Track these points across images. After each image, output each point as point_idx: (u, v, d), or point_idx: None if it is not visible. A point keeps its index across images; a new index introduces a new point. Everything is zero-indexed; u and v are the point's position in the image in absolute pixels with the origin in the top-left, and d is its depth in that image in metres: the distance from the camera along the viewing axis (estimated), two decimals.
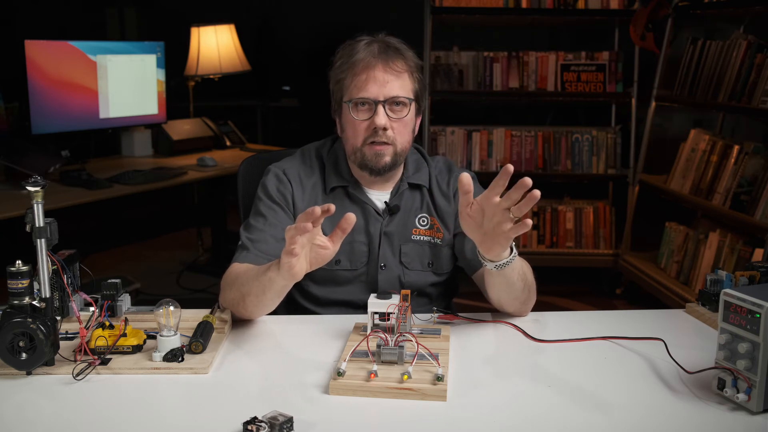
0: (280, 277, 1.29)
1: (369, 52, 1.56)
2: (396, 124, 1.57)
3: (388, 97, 1.54)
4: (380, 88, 1.54)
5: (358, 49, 1.57)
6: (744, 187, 3.07)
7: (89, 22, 5.44)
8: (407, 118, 1.58)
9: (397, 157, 1.59)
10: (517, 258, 1.38)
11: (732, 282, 1.51)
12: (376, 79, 1.54)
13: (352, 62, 1.56)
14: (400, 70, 1.56)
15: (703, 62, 3.42)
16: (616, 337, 1.41)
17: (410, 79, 1.58)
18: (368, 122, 1.56)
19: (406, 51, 1.59)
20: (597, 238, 4.02)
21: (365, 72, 1.54)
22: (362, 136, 1.57)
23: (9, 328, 1.19)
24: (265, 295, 1.37)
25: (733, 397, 1.12)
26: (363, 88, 1.54)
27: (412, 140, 1.65)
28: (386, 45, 1.58)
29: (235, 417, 1.06)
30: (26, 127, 3.25)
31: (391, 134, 1.56)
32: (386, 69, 1.54)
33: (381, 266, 1.64)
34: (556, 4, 3.87)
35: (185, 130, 3.94)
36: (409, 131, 1.61)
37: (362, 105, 1.56)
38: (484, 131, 4.04)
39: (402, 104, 1.57)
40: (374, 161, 1.57)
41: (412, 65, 1.59)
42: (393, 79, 1.55)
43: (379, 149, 1.56)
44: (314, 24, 5.42)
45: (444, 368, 1.20)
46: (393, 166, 1.60)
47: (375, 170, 1.59)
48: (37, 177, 1.22)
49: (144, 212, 4.59)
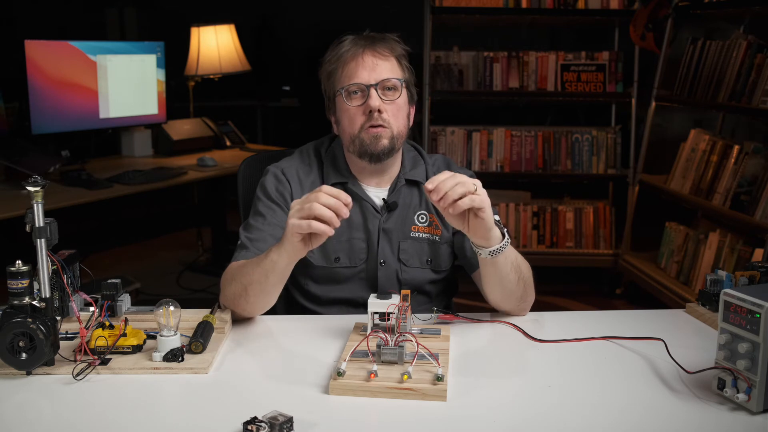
0: (283, 256, 1.35)
1: (355, 43, 1.60)
2: (390, 107, 1.58)
3: (379, 80, 1.57)
4: (370, 72, 1.57)
5: (345, 43, 1.61)
6: (744, 187, 3.07)
7: (89, 22, 5.44)
8: (400, 101, 1.60)
9: (394, 141, 1.60)
10: (511, 250, 1.43)
11: (732, 282, 1.51)
12: (365, 64, 1.57)
13: (340, 54, 1.60)
14: (387, 54, 1.60)
15: (703, 62, 3.42)
16: (616, 337, 1.41)
17: (399, 65, 1.61)
18: (362, 107, 1.58)
19: (391, 39, 1.63)
20: (597, 238, 4.02)
21: (354, 60, 1.58)
22: (358, 122, 1.58)
23: (9, 328, 1.19)
24: (268, 280, 1.40)
25: (733, 397, 1.12)
26: (353, 75, 1.57)
27: (408, 128, 1.66)
28: (371, 35, 1.62)
29: (235, 417, 1.06)
30: (26, 127, 3.25)
31: (386, 116, 1.58)
32: (374, 53, 1.58)
33: (381, 262, 1.64)
34: (556, 4, 3.87)
35: (185, 130, 3.94)
36: (403, 116, 1.62)
37: (355, 93, 1.58)
38: (484, 131, 4.04)
39: (393, 88, 1.59)
40: (373, 145, 1.58)
41: (398, 51, 1.62)
42: (382, 62, 1.58)
43: (375, 131, 1.57)
44: (314, 24, 5.42)
45: (444, 368, 1.20)
46: (391, 150, 1.60)
47: (374, 155, 1.59)
48: (37, 177, 1.22)
49: (144, 212, 4.60)
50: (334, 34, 1.65)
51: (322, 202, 1.28)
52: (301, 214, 1.30)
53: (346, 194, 1.31)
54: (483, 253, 1.40)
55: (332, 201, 1.29)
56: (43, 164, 3.03)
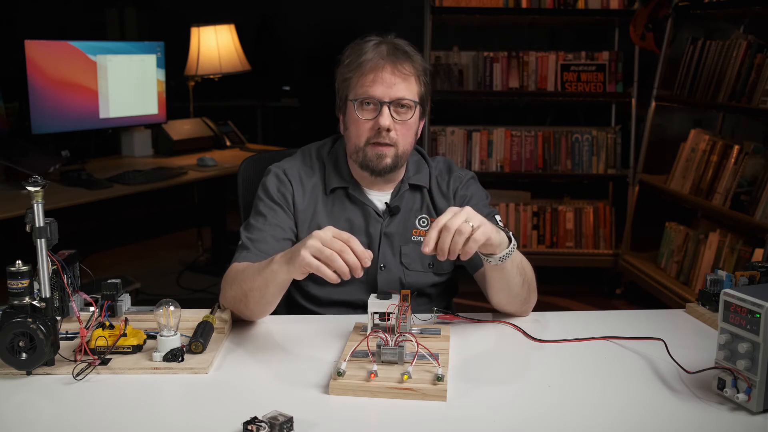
0: (284, 271, 1.32)
1: (377, 53, 1.55)
2: (400, 126, 1.57)
3: (394, 98, 1.54)
4: (387, 89, 1.54)
5: (367, 49, 1.57)
6: (744, 187, 3.07)
7: (89, 22, 5.44)
8: (411, 121, 1.58)
9: (398, 160, 1.59)
10: (516, 252, 1.40)
11: (732, 282, 1.51)
12: (384, 81, 1.54)
13: (360, 62, 1.56)
14: (407, 73, 1.56)
15: (703, 62, 3.42)
16: (616, 337, 1.41)
17: (417, 82, 1.58)
18: (372, 122, 1.56)
19: (414, 54, 1.59)
20: (597, 238, 4.02)
21: (373, 72, 1.54)
22: (365, 135, 1.57)
23: (9, 328, 1.19)
24: (267, 289, 1.38)
25: (733, 397, 1.12)
26: (369, 88, 1.54)
27: (414, 143, 1.65)
28: (395, 47, 1.57)
29: (235, 417, 1.06)
30: (26, 127, 3.25)
31: (394, 136, 1.56)
32: (394, 71, 1.54)
33: (380, 267, 1.64)
34: (556, 4, 3.87)
35: (185, 130, 3.94)
36: (411, 134, 1.61)
37: (367, 105, 1.56)
38: (484, 131, 4.04)
39: (407, 107, 1.57)
40: (375, 162, 1.57)
41: (419, 69, 1.59)
42: (400, 82, 1.55)
43: (381, 150, 1.56)
44: (314, 24, 5.42)
45: (444, 368, 1.20)
46: (394, 168, 1.60)
47: (376, 171, 1.59)
48: (37, 177, 1.22)
49: (144, 212, 4.60)
50: (334, 34, 1.64)
51: (345, 258, 1.24)
52: (319, 255, 1.24)
53: (370, 253, 1.26)
54: (492, 260, 1.36)
55: (353, 259, 1.24)
56: (43, 164, 3.03)
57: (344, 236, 1.26)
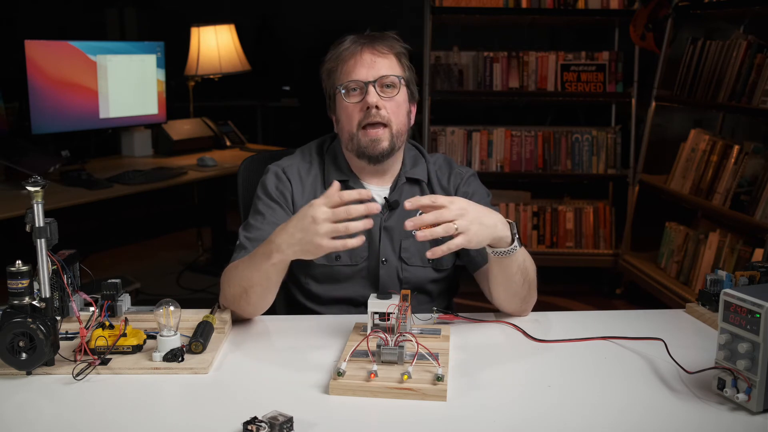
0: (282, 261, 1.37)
1: (355, 41, 1.61)
2: (389, 104, 1.58)
3: (377, 77, 1.57)
4: (368, 69, 1.57)
5: (345, 42, 1.62)
6: (744, 187, 3.07)
7: (89, 22, 5.44)
8: (399, 98, 1.60)
9: (394, 141, 1.60)
10: (520, 252, 1.42)
11: (732, 282, 1.51)
12: (364, 62, 1.57)
13: (339, 52, 1.61)
14: (386, 52, 1.60)
15: (703, 62, 3.42)
16: (616, 337, 1.41)
17: (399, 63, 1.62)
18: (360, 104, 1.58)
19: (390, 37, 1.63)
20: (597, 238, 4.02)
21: (352, 57, 1.59)
22: (356, 119, 1.58)
23: (9, 328, 1.19)
24: (270, 281, 1.41)
25: (733, 397, 1.12)
26: (352, 72, 1.58)
27: (409, 126, 1.66)
28: (371, 34, 1.63)
29: (235, 417, 1.06)
30: (26, 127, 3.25)
31: (385, 114, 1.57)
32: (373, 51, 1.58)
33: (382, 261, 1.64)
34: (556, 4, 3.87)
35: (185, 130, 3.94)
36: (403, 113, 1.62)
37: (354, 90, 1.58)
38: (484, 131, 4.04)
39: (392, 86, 1.59)
40: (371, 147, 1.58)
41: (398, 48, 1.63)
42: (380, 60, 1.58)
43: (373, 134, 1.57)
44: (314, 24, 5.42)
45: (444, 368, 1.20)
46: (391, 151, 1.60)
47: (373, 157, 1.60)
48: (37, 177, 1.22)
49: (144, 212, 4.60)
50: (334, 34, 1.65)
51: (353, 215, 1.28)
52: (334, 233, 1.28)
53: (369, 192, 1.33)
54: (490, 251, 1.41)
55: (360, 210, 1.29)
56: (43, 164, 3.03)
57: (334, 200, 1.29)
